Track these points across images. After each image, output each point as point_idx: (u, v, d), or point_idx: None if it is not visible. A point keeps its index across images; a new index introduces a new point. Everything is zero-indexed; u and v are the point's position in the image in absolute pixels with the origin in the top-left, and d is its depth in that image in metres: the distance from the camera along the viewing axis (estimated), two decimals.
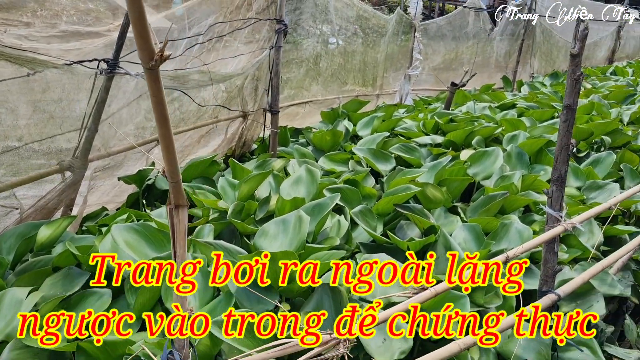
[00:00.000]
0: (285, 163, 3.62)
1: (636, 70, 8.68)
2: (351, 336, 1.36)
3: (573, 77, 2.21)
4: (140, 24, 0.84)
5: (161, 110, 0.99)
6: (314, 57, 4.79)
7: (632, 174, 4.12)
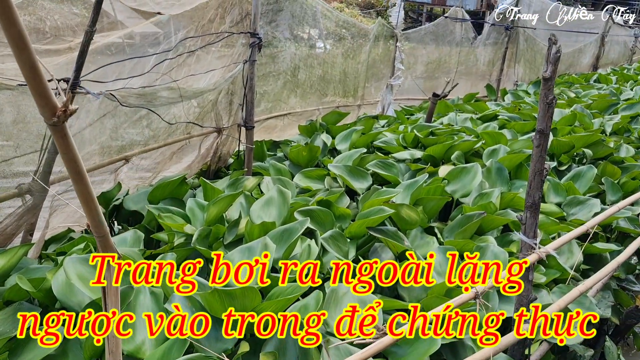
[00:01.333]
0: (259, 181, 3.52)
1: (620, 77, 8.68)
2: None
3: (545, 102, 2.13)
4: (35, 80, 0.75)
5: (74, 167, 0.89)
6: (292, 69, 4.70)
7: (614, 187, 4.07)
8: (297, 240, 2.50)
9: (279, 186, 3.05)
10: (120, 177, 3.32)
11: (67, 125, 2.56)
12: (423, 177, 3.36)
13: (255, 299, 1.96)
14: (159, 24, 3.43)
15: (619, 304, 3.30)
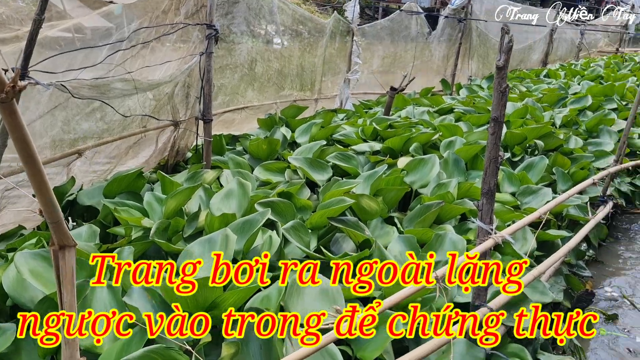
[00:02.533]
0: (218, 174, 3.48)
1: (568, 73, 8.99)
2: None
3: (499, 90, 2.19)
4: None
5: (25, 149, 0.85)
6: (249, 62, 4.66)
7: (564, 177, 4.22)
8: (258, 231, 2.48)
9: (239, 178, 3.02)
10: (74, 171, 3.22)
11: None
12: (382, 168, 3.39)
13: (215, 291, 1.94)
14: (109, 16, 3.33)
15: (571, 288, 3.42)
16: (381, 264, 2.49)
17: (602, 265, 4.48)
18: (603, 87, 6.97)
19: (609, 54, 14.13)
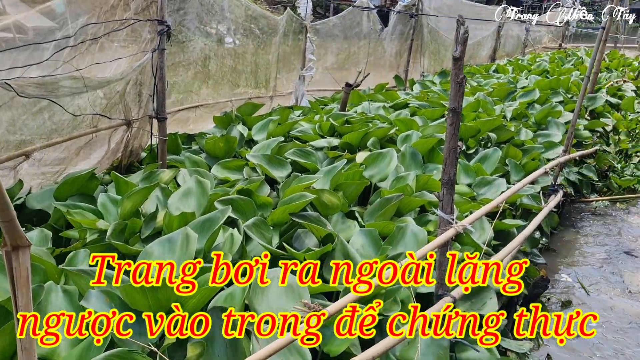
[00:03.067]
0: (175, 173, 3.40)
1: (515, 68, 9.25)
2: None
3: (456, 81, 2.22)
4: None
5: None
6: (203, 59, 4.57)
7: (516, 168, 4.33)
8: (219, 229, 2.44)
9: (197, 177, 2.96)
10: (21, 174, 3.07)
11: None
12: (341, 163, 3.40)
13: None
14: (51, 14, 3.19)
15: (527, 275, 3.52)
16: (344, 261, 2.49)
17: (554, 252, 4.63)
18: (549, 81, 7.20)
19: (552, 49, 14.64)
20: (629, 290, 3.98)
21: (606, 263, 4.43)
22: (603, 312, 3.64)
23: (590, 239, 4.93)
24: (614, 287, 4.04)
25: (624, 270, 4.29)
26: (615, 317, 3.57)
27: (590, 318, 2.62)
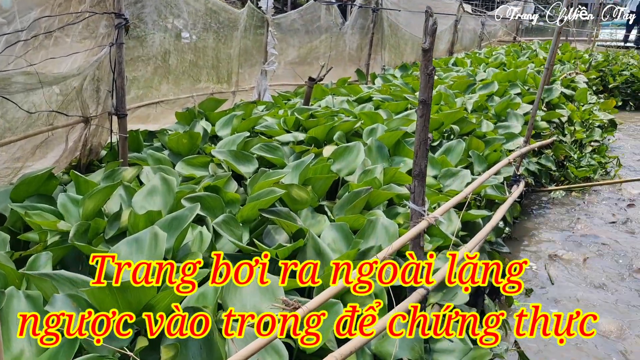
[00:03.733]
0: (137, 171, 3.30)
1: (473, 61, 9.42)
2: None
3: (426, 72, 2.21)
4: None
5: None
6: (162, 53, 4.45)
7: (480, 159, 4.40)
8: (188, 227, 2.37)
9: (162, 174, 2.87)
10: None
11: None
12: (309, 157, 3.36)
13: (149, 291, 1.82)
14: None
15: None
16: (314, 261, 2.46)
17: (516, 241, 4.74)
18: (507, 74, 7.36)
19: (507, 43, 14.99)
20: (585, 276, 4.10)
21: (565, 250, 4.56)
22: (563, 299, 3.74)
23: (550, 227, 5.07)
24: (573, 274, 4.16)
25: (579, 258, 4.42)
26: (574, 305, 3.67)
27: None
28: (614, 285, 3.95)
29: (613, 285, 3.95)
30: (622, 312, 3.54)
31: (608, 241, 4.76)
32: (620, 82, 11.51)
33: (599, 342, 3.17)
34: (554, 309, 3.61)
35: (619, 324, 3.36)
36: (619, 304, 3.64)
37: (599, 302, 3.66)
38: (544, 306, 3.61)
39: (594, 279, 4.04)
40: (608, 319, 3.41)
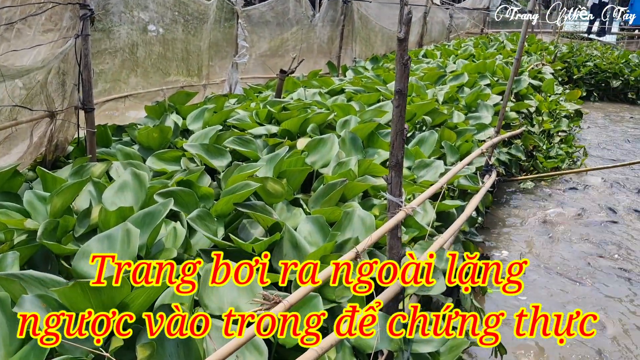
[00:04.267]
0: (107, 167, 3.21)
1: (443, 53, 9.48)
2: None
3: (401, 62, 2.19)
4: None
5: None
6: (130, 45, 4.34)
7: (452, 150, 4.43)
8: (161, 223, 2.31)
9: (133, 169, 2.80)
10: None
11: None
12: (284, 150, 3.33)
13: (123, 289, 1.76)
14: None
15: (467, 254, 3.61)
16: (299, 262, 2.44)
17: (488, 230, 4.80)
18: (476, 65, 7.43)
19: (475, 34, 15.16)
20: (554, 264, 4.19)
21: (535, 238, 4.64)
22: (534, 288, 3.80)
23: (520, 216, 5.14)
24: (541, 261, 4.23)
25: (548, 246, 4.51)
26: (544, 293, 3.74)
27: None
28: (579, 272, 4.04)
29: (578, 272, 4.04)
30: (590, 297, 3.63)
31: (574, 229, 4.86)
32: (585, 73, 11.77)
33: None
34: (522, 296, 3.67)
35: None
36: (585, 290, 3.73)
37: (568, 290, 3.74)
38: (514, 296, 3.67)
39: (561, 266, 4.12)
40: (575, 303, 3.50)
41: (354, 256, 1.85)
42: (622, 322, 3.29)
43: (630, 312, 3.43)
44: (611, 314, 3.36)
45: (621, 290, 3.75)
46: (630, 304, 3.55)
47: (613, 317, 3.33)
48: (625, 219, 5.12)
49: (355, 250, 1.86)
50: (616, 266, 4.15)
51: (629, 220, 5.10)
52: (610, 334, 3.17)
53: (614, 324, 3.27)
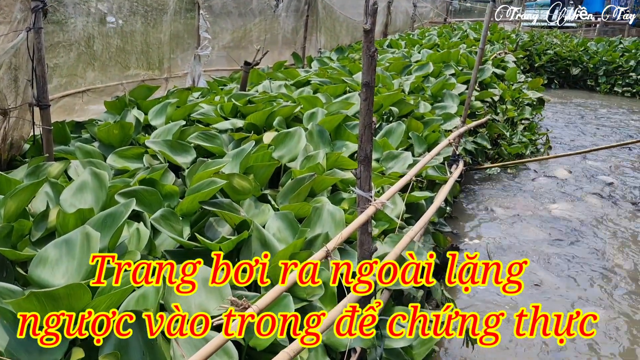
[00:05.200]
0: (65, 166, 3.07)
1: (408, 42, 9.50)
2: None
3: (368, 54, 2.16)
4: None
5: None
6: (86, 38, 4.17)
7: (419, 140, 4.43)
8: (123, 224, 2.22)
9: (92, 168, 2.68)
10: None
11: None
12: (250, 145, 3.25)
13: (84, 297, 1.68)
14: None
15: (437, 245, 3.62)
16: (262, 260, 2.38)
17: (456, 220, 4.83)
18: (441, 55, 7.45)
19: (439, 24, 15.26)
20: (522, 249, 4.24)
21: (504, 225, 4.70)
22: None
23: (487, 204, 5.20)
24: (509, 248, 4.28)
25: (517, 231, 4.57)
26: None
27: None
28: (542, 256, 4.10)
29: (541, 256, 4.10)
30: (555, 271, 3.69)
31: (541, 213, 4.94)
32: (545, 60, 11.99)
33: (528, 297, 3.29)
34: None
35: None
36: (551, 271, 3.79)
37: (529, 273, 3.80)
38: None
39: (527, 250, 4.18)
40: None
41: (325, 255, 1.80)
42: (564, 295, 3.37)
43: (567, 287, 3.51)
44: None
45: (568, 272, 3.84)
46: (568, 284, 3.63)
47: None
48: (585, 204, 5.23)
49: (325, 249, 1.82)
50: (569, 252, 4.23)
51: (588, 205, 5.21)
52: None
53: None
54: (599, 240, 4.45)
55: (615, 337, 3.00)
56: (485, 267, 1.97)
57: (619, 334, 3.05)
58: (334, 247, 1.84)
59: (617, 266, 3.96)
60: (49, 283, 1.89)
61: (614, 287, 3.60)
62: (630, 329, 3.10)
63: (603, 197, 5.46)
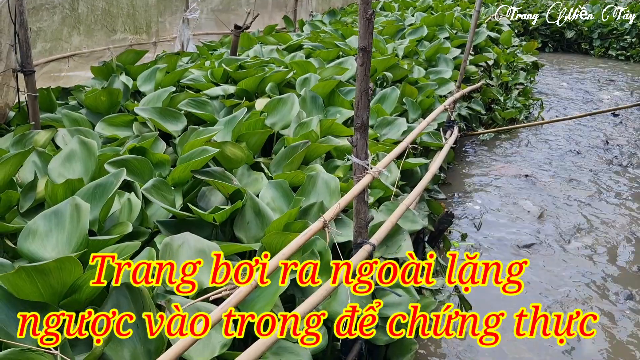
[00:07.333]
0: (52, 134, 2.99)
1: (401, 5, 9.30)
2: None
3: (365, 17, 2.08)
4: None
5: None
6: (70, 1, 4.02)
7: (414, 106, 4.36)
8: (114, 195, 2.17)
9: (80, 137, 2.61)
10: None
11: None
12: (242, 111, 3.17)
13: (75, 270, 1.63)
14: None
15: (432, 212, 3.60)
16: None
17: (450, 186, 4.81)
18: (435, 18, 7.30)
19: None
20: (516, 216, 4.25)
21: (499, 191, 4.69)
22: (492, 243, 3.85)
23: (481, 170, 5.18)
24: (506, 215, 4.28)
25: (516, 198, 4.57)
26: (499, 244, 3.79)
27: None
28: (529, 224, 4.12)
29: (528, 225, 4.11)
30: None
31: (537, 180, 4.93)
32: (540, 23, 11.81)
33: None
34: (481, 250, 3.71)
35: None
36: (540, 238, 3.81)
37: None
38: (477, 249, 3.71)
39: (520, 218, 4.18)
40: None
41: (322, 226, 1.77)
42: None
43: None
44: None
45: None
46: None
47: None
48: (581, 172, 5.23)
49: (322, 220, 1.78)
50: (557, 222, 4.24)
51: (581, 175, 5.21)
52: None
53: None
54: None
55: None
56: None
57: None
58: (331, 217, 1.80)
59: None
60: (39, 256, 1.84)
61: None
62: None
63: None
